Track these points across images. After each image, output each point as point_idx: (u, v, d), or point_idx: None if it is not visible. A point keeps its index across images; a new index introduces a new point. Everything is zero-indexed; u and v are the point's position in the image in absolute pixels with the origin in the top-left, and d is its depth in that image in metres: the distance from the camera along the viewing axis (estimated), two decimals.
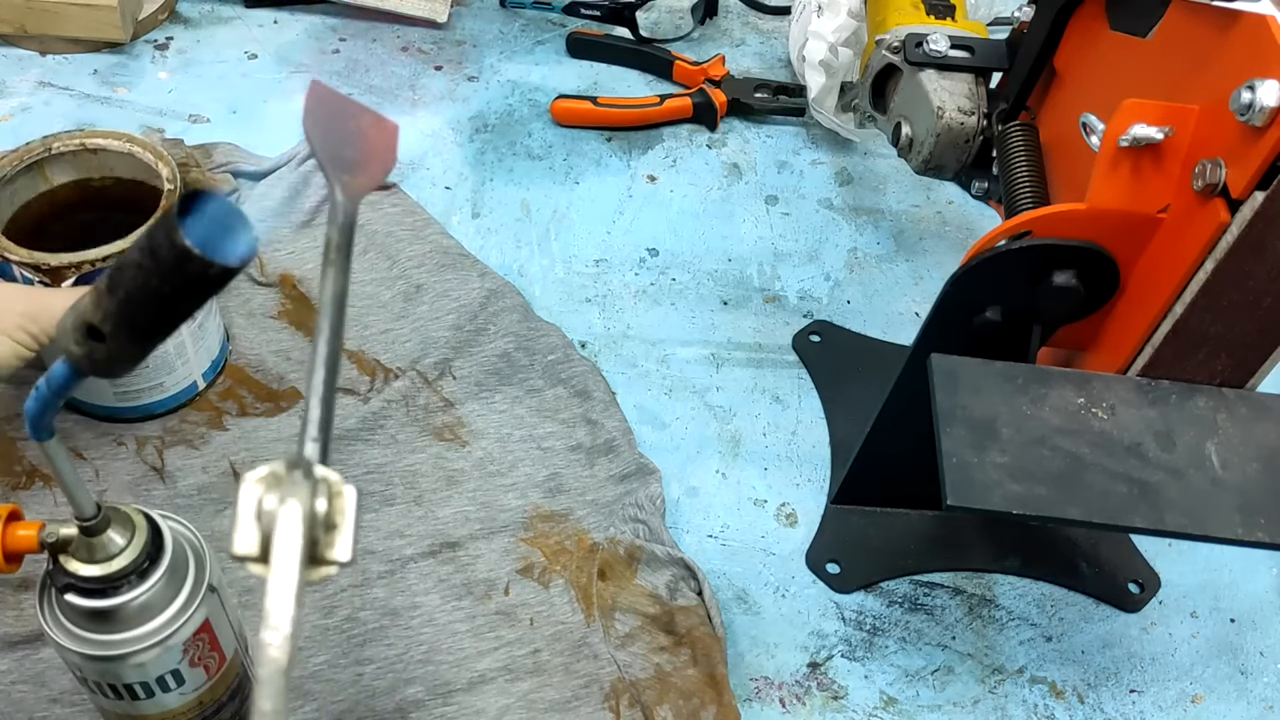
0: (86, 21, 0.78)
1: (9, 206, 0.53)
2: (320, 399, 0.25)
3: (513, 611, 0.53)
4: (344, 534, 0.23)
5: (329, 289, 0.27)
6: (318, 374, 0.26)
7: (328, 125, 0.31)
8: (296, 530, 0.22)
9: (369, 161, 0.31)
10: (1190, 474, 0.41)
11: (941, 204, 0.77)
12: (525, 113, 0.80)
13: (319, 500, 0.23)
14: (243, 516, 0.23)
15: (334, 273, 0.27)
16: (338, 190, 0.29)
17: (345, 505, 0.23)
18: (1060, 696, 0.54)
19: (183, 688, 0.41)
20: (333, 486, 0.23)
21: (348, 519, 0.23)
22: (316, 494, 0.23)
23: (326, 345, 0.26)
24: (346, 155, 0.30)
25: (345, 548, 0.23)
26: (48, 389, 0.32)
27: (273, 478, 0.23)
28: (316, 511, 0.23)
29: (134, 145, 0.54)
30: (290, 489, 0.23)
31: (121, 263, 0.28)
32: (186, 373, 0.57)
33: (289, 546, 0.22)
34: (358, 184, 0.30)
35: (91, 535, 0.37)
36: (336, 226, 0.28)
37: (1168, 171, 0.42)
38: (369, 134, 0.32)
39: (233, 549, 0.22)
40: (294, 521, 0.22)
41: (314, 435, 0.24)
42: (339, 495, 0.23)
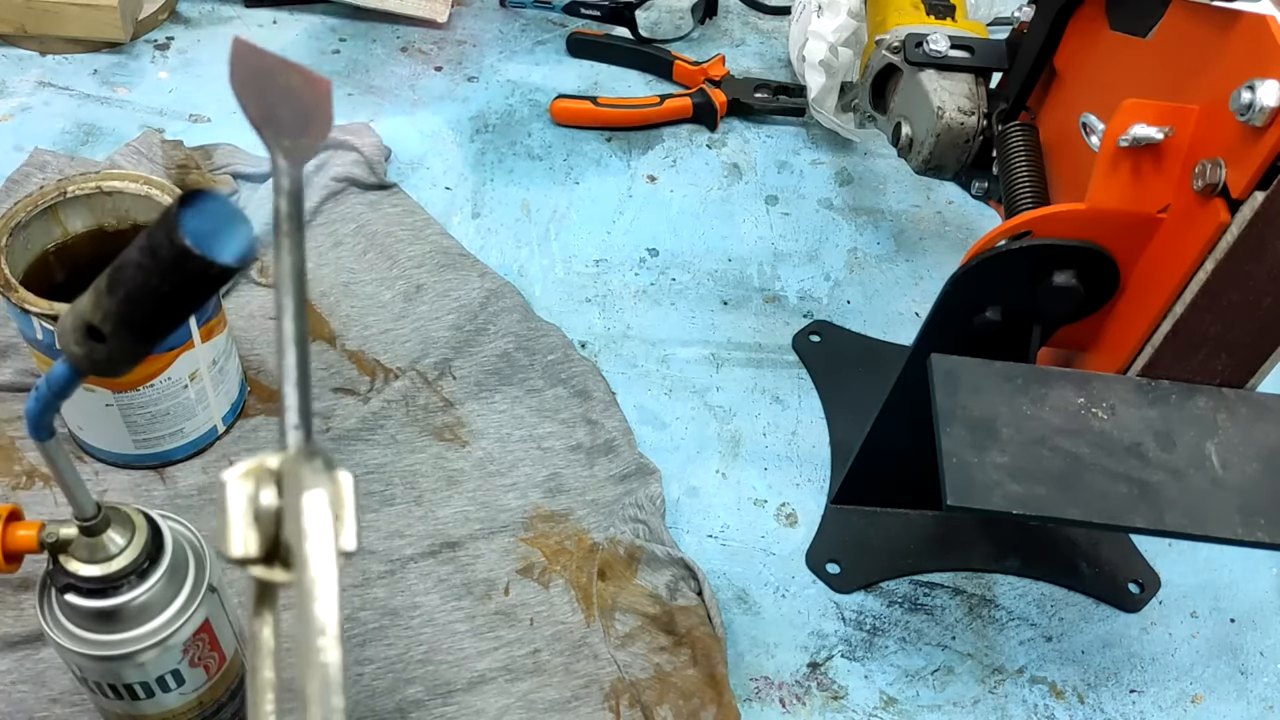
0: (86, 21, 0.78)
1: (24, 254, 0.52)
2: (295, 384, 0.23)
3: (513, 611, 0.53)
4: (347, 523, 0.22)
5: (286, 262, 0.25)
6: (289, 356, 0.24)
7: (258, 86, 0.29)
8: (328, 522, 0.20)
9: (307, 122, 0.29)
10: (1190, 474, 0.41)
11: (941, 204, 0.77)
12: (525, 113, 0.80)
13: None
14: (235, 516, 0.21)
15: (289, 244, 0.25)
16: (279, 156, 0.27)
17: (344, 493, 0.22)
18: (1060, 696, 0.54)
19: (183, 688, 0.41)
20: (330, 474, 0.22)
21: (348, 507, 0.22)
22: None
23: (293, 323, 0.24)
24: (283, 117, 0.28)
25: (350, 536, 0.22)
26: (48, 389, 0.32)
27: (263, 471, 0.22)
28: None
29: (150, 188, 0.53)
30: (311, 479, 0.21)
31: (121, 262, 0.28)
32: (207, 418, 0.57)
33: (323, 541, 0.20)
34: (299, 148, 0.28)
35: (91, 535, 0.37)
36: (284, 195, 0.26)
37: (1168, 171, 0.42)
38: (302, 92, 0.30)
39: (229, 551, 0.21)
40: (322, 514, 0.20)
41: (295, 423, 0.23)
42: (336, 484, 0.22)
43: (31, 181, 0.68)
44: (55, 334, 0.44)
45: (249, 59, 0.30)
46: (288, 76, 0.30)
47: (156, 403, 0.54)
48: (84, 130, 0.74)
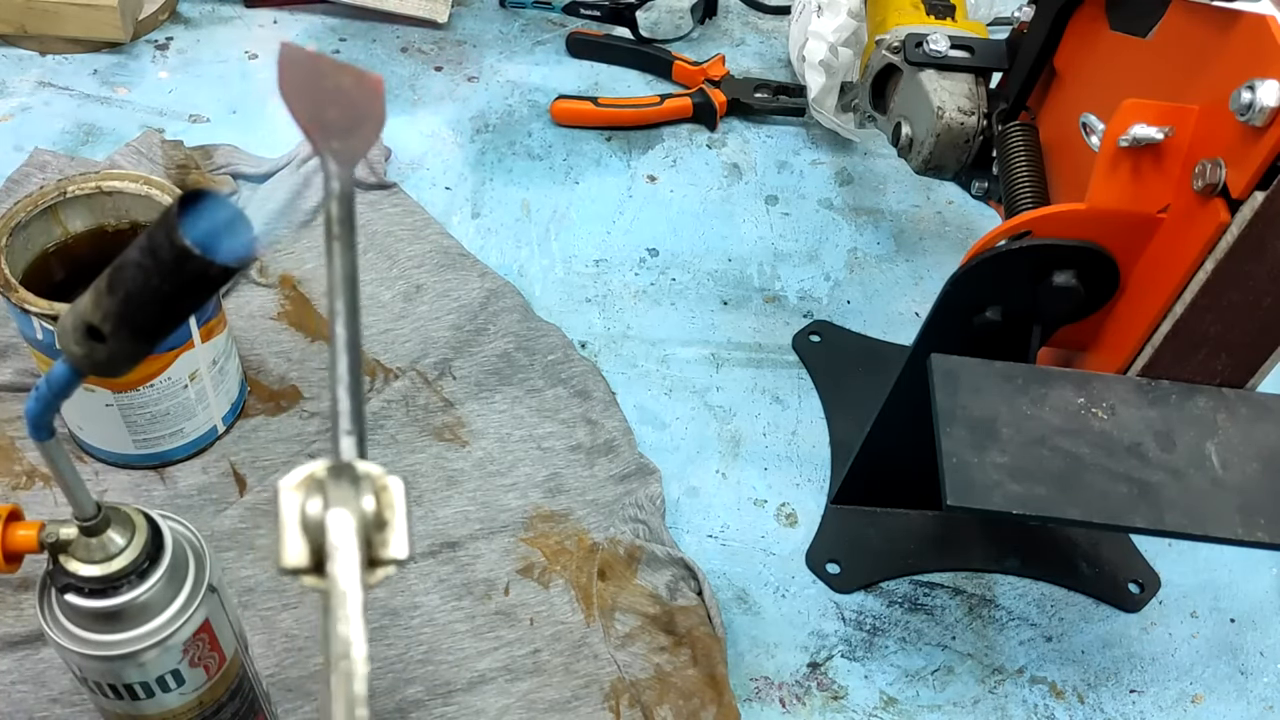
0: (86, 21, 0.78)
1: (24, 254, 0.52)
2: (348, 388, 0.23)
3: (513, 611, 0.53)
4: (397, 530, 0.21)
5: (338, 267, 0.25)
6: (341, 361, 0.23)
7: (307, 89, 0.29)
8: (352, 542, 0.21)
9: (358, 123, 0.29)
10: (1190, 474, 0.41)
11: (941, 204, 0.77)
12: (525, 113, 0.80)
13: (366, 499, 0.21)
14: (288, 527, 0.21)
15: (340, 248, 0.25)
16: (329, 160, 0.27)
17: (394, 500, 0.22)
18: (1060, 696, 0.54)
19: (183, 688, 0.41)
20: (377, 481, 0.22)
21: (398, 513, 0.22)
22: (362, 493, 0.21)
23: (345, 329, 0.24)
24: (332, 119, 0.28)
25: (401, 544, 0.21)
26: (48, 389, 0.32)
27: (312, 481, 0.22)
28: (366, 512, 0.21)
29: (150, 188, 0.53)
30: (335, 496, 0.21)
31: (121, 262, 0.28)
32: (207, 418, 0.57)
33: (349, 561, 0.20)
34: (349, 149, 0.27)
35: (91, 535, 0.37)
36: (335, 198, 0.26)
37: (1168, 171, 0.42)
38: (352, 93, 0.30)
39: (282, 562, 0.21)
40: (347, 533, 0.21)
41: (347, 429, 0.23)
42: (385, 490, 0.22)
43: (31, 181, 0.69)
44: (55, 334, 0.44)
45: (298, 62, 0.29)
46: (338, 77, 0.30)
47: (156, 403, 0.54)
48: (84, 130, 0.74)
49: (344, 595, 0.20)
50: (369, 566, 0.21)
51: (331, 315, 0.24)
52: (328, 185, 0.27)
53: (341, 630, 0.20)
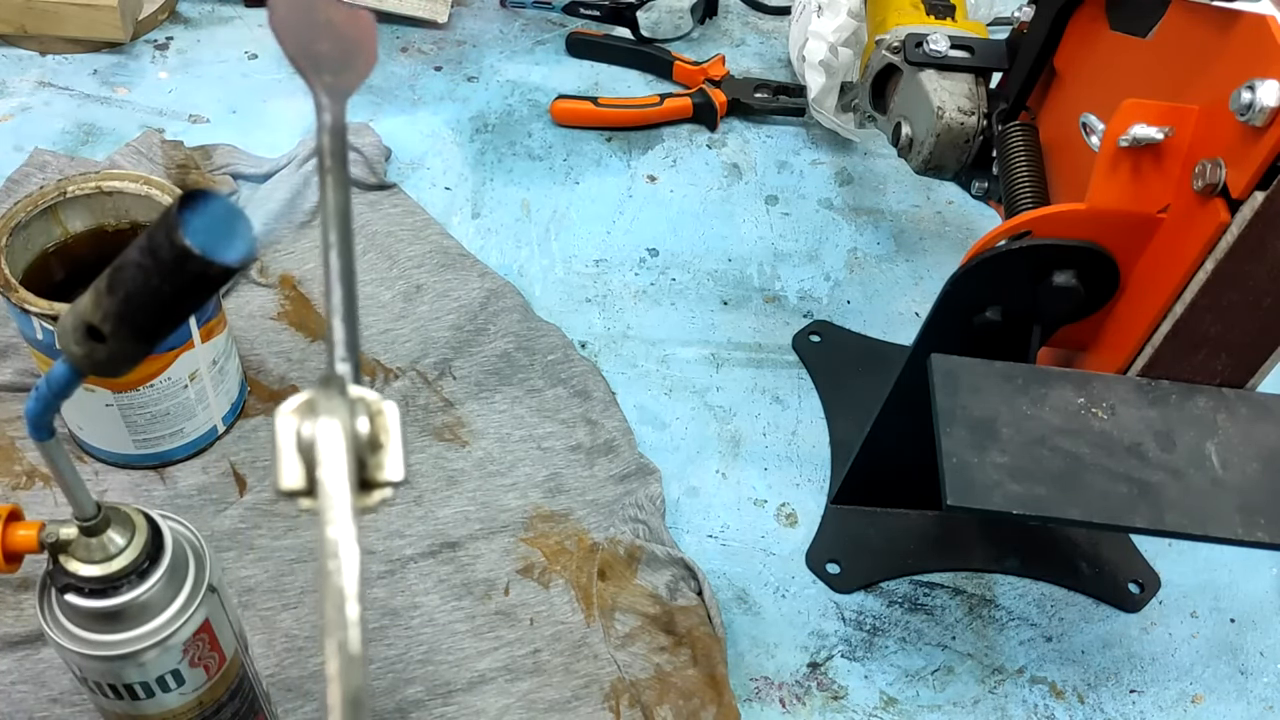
0: (86, 21, 0.78)
1: (24, 254, 0.52)
2: (342, 318, 0.23)
3: (513, 611, 0.53)
4: (392, 452, 0.21)
5: (330, 200, 0.25)
6: (335, 292, 0.24)
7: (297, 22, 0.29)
8: (340, 449, 0.21)
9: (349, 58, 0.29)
10: (1190, 474, 0.41)
11: (941, 204, 0.77)
12: (525, 113, 0.80)
13: (360, 420, 0.21)
14: (284, 449, 0.21)
15: (332, 181, 0.25)
16: (321, 93, 0.27)
17: (388, 423, 0.22)
18: (1060, 696, 0.54)
19: (183, 688, 0.41)
20: (371, 405, 0.22)
21: (393, 436, 0.22)
22: (356, 413, 0.21)
23: (339, 259, 0.24)
24: (323, 52, 0.28)
25: (396, 466, 0.21)
26: (48, 389, 0.32)
27: (308, 405, 0.21)
28: (359, 431, 0.21)
29: (150, 188, 0.53)
30: (325, 407, 0.21)
31: (121, 262, 0.28)
32: (207, 418, 0.57)
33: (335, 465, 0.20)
34: (341, 84, 0.27)
35: (91, 535, 0.37)
36: (326, 131, 0.26)
37: (1168, 172, 0.42)
38: (343, 28, 0.30)
39: (278, 484, 0.21)
40: (335, 439, 0.21)
41: (342, 355, 0.23)
42: (380, 413, 0.22)
43: (31, 181, 0.69)
44: (55, 334, 0.44)
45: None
46: (328, 10, 0.30)
47: (156, 403, 0.54)
48: (84, 130, 0.74)
49: (330, 498, 0.20)
50: (365, 489, 0.21)
51: (325, 247, 0.24)
52: (319, 118, 0.27)
53: (330, 534, 0.20)
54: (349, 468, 0.21)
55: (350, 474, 0.21)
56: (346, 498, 0.20)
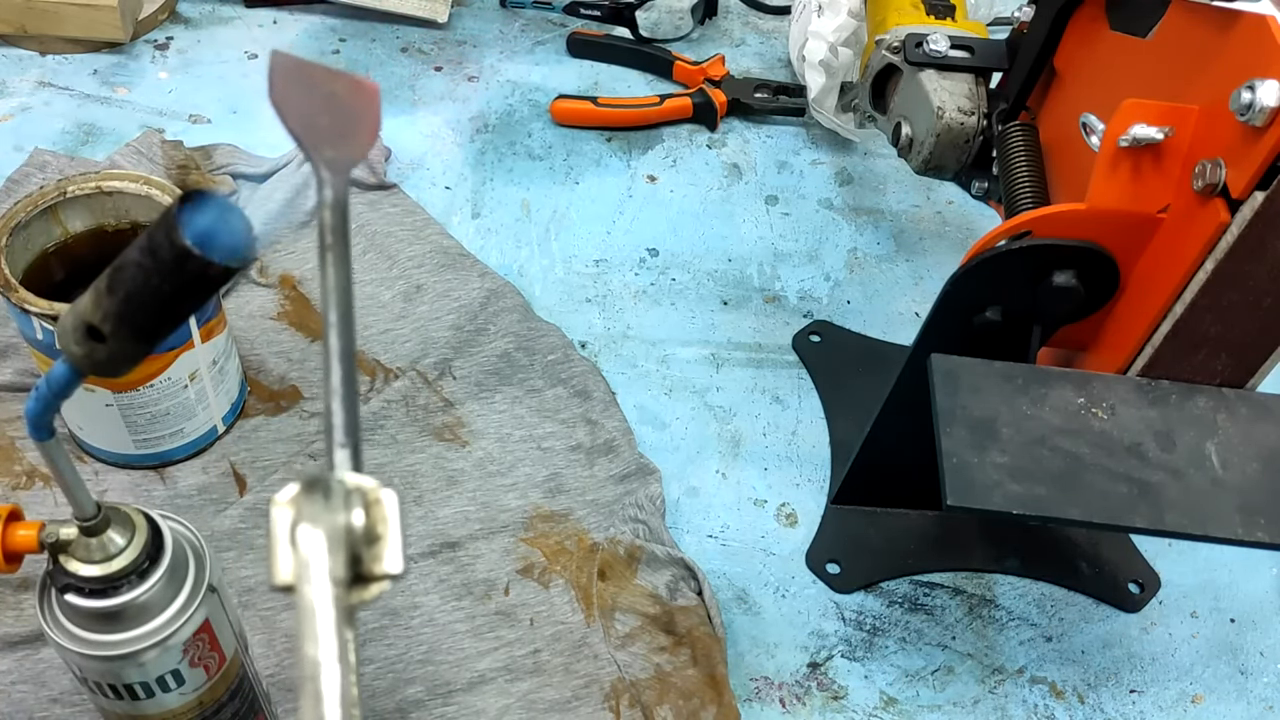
0: (86, 21, 0.78)
1: (24, 254, 0.52)
2: (341, 400, 0.23)
3: (513, 611, 0.53)
4: (390, 544, 0.21)
5: (331, 276, 0.24)
6: (335, 372, 0.23)
7: (299, 98, 0.28)
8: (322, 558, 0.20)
9: (352, 131, 0.29)
10: (1190, 474, 0.41)
11: (941, 204, 0.77)
12: (525, 113, 0.80)
13: (355, 513, 0.21)
14: (279, 543, 0.20)
15: (333, 258, 0.25)
16: (322, 168, 0.27)
17: (387, 513, 0.21)
18: (1060, 697, 0.54)
19: (183, 688, 0.41)
20: (368, 495, 0.21)
21: (391, 527, 0.21)
22: (350, 506, 0.21)
23: (339, 339, 0.24)
24: (324, 127, 0.28)
25: (395, 558, 0.21)
26: (48, 389, 0.32)
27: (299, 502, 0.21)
28: (354, 526, 0.21)
29: (150, 188, 0.53)
30: (308, 512, 0.20)
31: (121, 262, 0.28)
32: (207, 418, 0.57)
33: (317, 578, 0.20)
34: (342, 157, 0.27)
35: (91, 535, 0.36)
36: (328, 207, 0.26)
37: (1168, 172, 0.42)
38: (346, 100, 0.30)
39: (272, 580, 0.20)
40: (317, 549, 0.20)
41: (341, 440, 0.22)
42: (377, 503, 0.21)
43: (32, 181, 0.68)
44: (55, 334, 0.44)
45: (289, 69, 0.29)
46: (331, 84, 0.30)
47: (156, 403, 0.54)
48: (84, 130, 0.74)
49: (312, 613, 0.20)
50: (361, 582, 0.21)
51: (325, 326, 0.24)
52: (320, 194, 0.26)
53: (309, 651, 0.19)
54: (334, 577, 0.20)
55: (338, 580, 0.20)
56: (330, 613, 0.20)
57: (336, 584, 0.20)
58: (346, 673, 0.19)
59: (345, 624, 0.20)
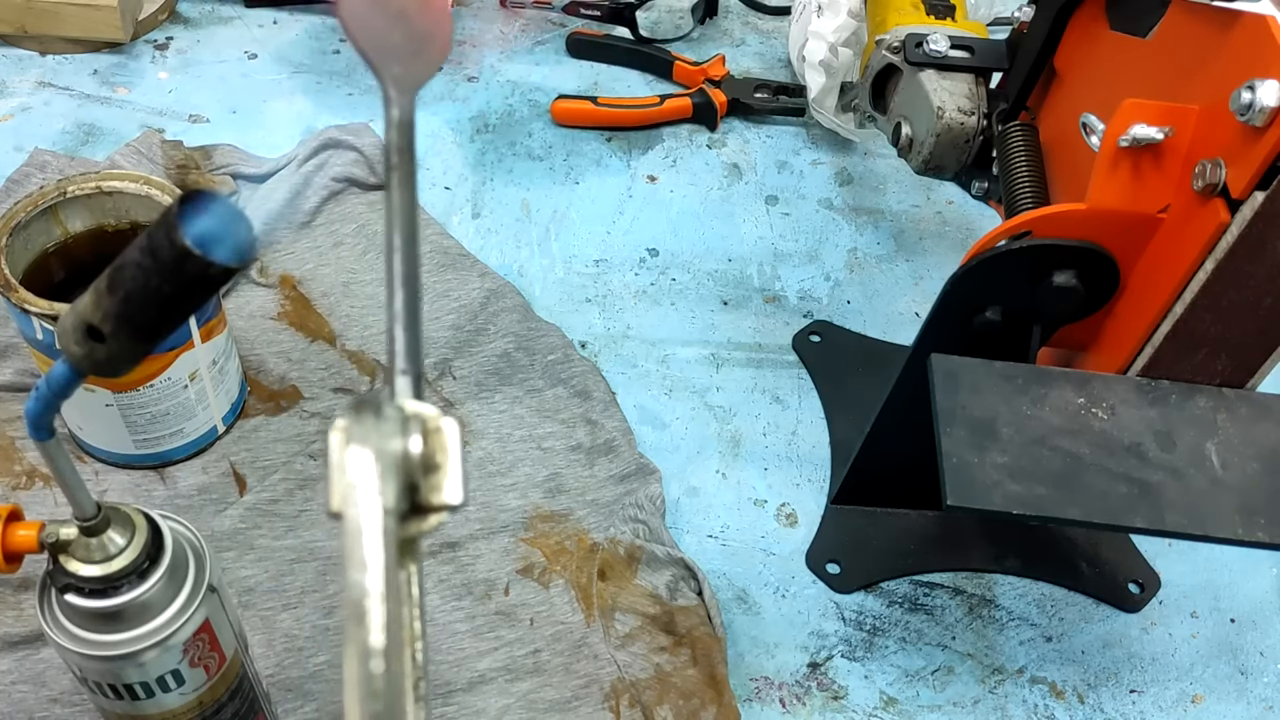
0: (86, 21, 0.78)
1: (24, 254, 0.52)
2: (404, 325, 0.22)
3: (513, 611, 0.53)
4: (449, 473, 0.20)
5: (396, 198, 0.24)
6: (397, 297, 0.22)
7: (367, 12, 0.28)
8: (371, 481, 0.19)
9: (422, 47, 0.28)
10: (1190, 474, 0.41)
11: (941, 204, 0.77)
12: (525, 113, 0.80)
13: (412, 440, 0.20)
14: (333, 470, 0.19)
15: (398, 178, 0.24)
16: (389, 84, 0.26)
17: (446, 441, 0.20)
18: (1060, 697, 0.54)
19: (183, 688, 0.41)
20: (428, 422, 0.20)
21: (451, 456, 0.20)
22: (408, 433, 0.20)
23: (403, 263, 0.23)
24: (393, 43, 0.27)
25: (455, 488, 0.20)
26: (48, 389, 0.31)
27: None
28: (411, 453, 0.20)
29: (150, 187, 0.53)
30: (357, 433, 0.19)
31: (121, 262, 0.28)
32: (207, 418, 0.57)
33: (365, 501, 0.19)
34: (411, 74, 0.26)
35: (91, 535, 0.36)
36: (394, 126, 0.25)
37: (1168, 172, 0.42)
38: (417, 16, 0.29)
39: (328, 506, 0.20)
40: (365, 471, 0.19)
41: (402, 367, 0.21)
42: (437, 431, 0.20)
43: (32, 181, 0.68)
44: (55, 334, 0.44)
45: None
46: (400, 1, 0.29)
47: (156, 403, 0.54)
48: (84, 130, 0.74)
49: (357, 535, 0.19)
50: (418, 513, 0.20)
51: (388, 250, 0.23)
52: (388, 113, 0.26)
53: (354, 576, 0.18)
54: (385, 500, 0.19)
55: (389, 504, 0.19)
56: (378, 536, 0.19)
57: (386, 507, 0.19)
58: (395, 600, 0.18)
59: (395, 549, 0.19)
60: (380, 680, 0.18)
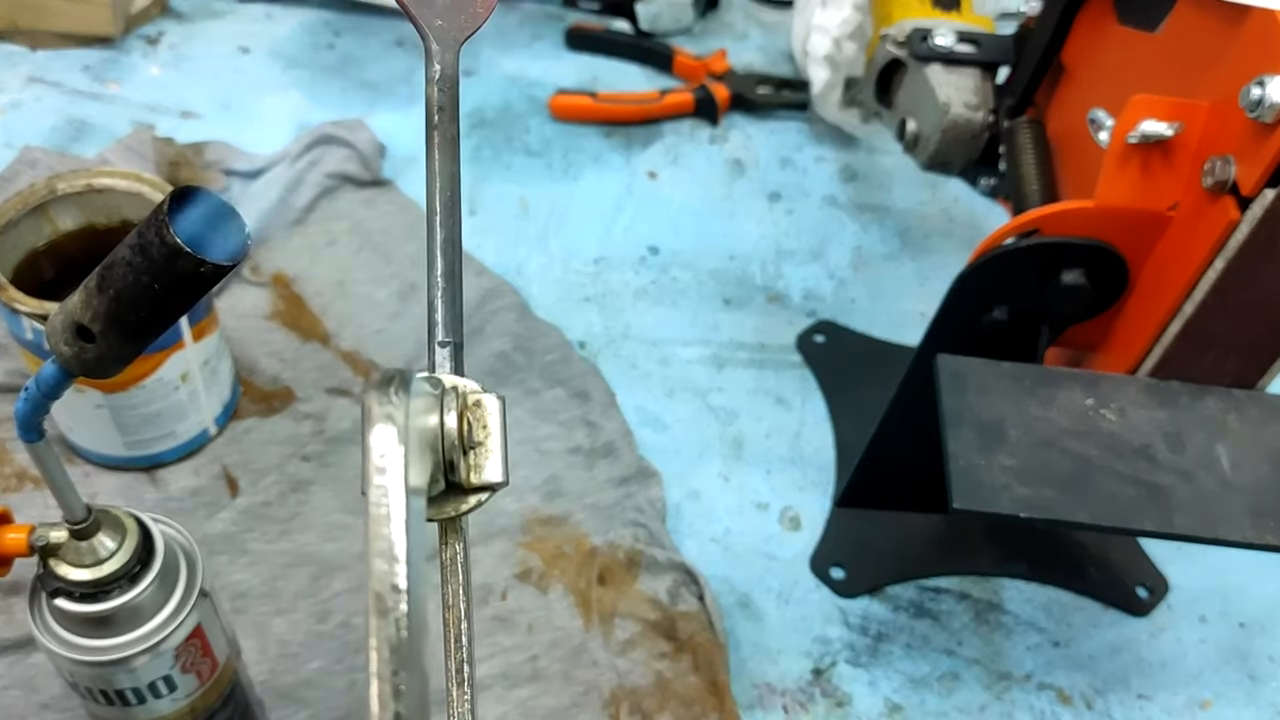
0: (77, 16, 0.77)
1: (13, 253, 0.51)
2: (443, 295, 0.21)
3: (510, 617, 0.53)
4: (493, 450, 0.19)
5: (437, 160, 0.23)
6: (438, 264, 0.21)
7: None
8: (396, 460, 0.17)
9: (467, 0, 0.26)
10: (1200, 476, 0.41)
11: (948, 201, 0.77)
12: (523, 108, 0.79)
13: (449, 415, 0.19)
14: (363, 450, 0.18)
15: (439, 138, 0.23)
16: (431, 40, 0.25)
17: (488, 418, 0.19)
18: (1068, 702, 0.53)
19: (174, 694, 0.40)
20: (468, 397, 0.19)
21: (494, 434, 0.19)
22: (446, 407, 0.19)
23: (444, 228, 0.22)
24: None
25: (496, 467, 0.19)
26: (37, 390, 0.31)
27: None
28: (449, 429, 0.19)
29: (142, 185, 0.52)
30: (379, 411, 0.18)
31: (111, 261, 0.27)
32: (199, 419, 0.56)
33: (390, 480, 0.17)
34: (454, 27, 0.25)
35: (82, 539, 0.36)
36: (435, 83, 0.24)
37: (1177, 168, 0.42)
38: None
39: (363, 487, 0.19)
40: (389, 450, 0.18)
41: (442, 338, 0.21)
42: (478, 406, 0.19)
43: (22, 179, 0.68)
44: (45, 334, 0.44)
45: None
46: None
47: (147, 404, 0.53)
48: (74, 126, 0.74)
49: (382, 520, 0.17)
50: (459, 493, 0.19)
51: (430, 215, 0.22)
52: (428, 68, 0.25)
53: (377, 564, 0.17)
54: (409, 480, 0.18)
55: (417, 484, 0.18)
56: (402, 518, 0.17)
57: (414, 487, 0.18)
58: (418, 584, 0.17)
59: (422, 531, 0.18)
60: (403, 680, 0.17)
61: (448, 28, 0.25)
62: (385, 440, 0.18)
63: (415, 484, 0.18)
